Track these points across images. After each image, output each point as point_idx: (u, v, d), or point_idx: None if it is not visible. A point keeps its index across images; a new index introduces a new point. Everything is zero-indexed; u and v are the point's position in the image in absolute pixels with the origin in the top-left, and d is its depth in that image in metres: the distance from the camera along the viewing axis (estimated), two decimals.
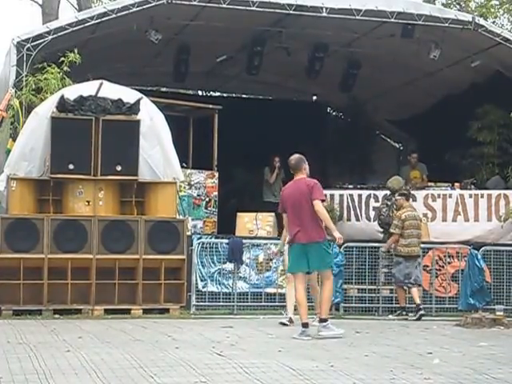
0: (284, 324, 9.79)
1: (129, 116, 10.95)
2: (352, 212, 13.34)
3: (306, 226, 8.85)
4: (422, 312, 11.08)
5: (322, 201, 9.07)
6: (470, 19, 13.80)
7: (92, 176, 10.77)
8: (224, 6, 12.81)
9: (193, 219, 12.89)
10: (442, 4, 23.89)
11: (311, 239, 8.85)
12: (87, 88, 11.16)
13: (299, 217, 8.91)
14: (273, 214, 13.11)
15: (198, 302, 11.11)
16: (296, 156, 9.26)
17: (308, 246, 8.86)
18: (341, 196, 13.38)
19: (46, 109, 10.95)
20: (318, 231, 8.89)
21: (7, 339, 8.17)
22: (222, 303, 11.29)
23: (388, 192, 12.37)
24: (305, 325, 8.82)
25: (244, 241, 11.65)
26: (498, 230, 13.16)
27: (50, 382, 6.10)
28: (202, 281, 11.31)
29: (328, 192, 13.49)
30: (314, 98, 19.80)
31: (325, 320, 8.90)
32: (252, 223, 12.64)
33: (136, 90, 11.86)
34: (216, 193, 13.45)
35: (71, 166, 10.67)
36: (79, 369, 6.58)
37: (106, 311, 10.51)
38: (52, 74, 11.82)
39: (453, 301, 11.78)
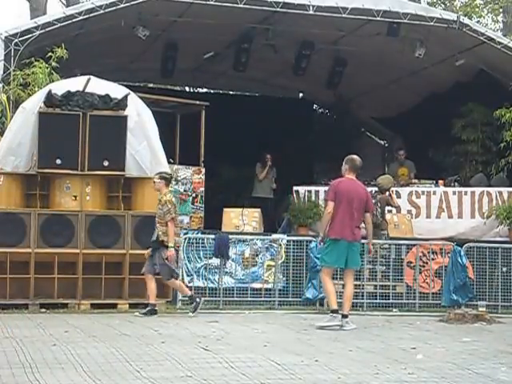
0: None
1: (116, 111, 10.97)
2: None
3: (354, 226, 9.51)
4: (153, 309, 10.15)
5: None
6: (455, 18, 13.92)
7: (79, 171, 10.78)
8: (211, 2, 12.86)
9: (179, 215, 12.94)
10: (427, 3, 23.99)
11: (356, 238, 9.53)
12: (75, 83, 11.17)
13: (351, 215, 9.49)
14: (259, 209, 13.17)
15: (184, 296, 11.15)
16: (359, 158, 9.87)
17: (352, 244, 9.50)
18: (326, 192, 13.39)
19: (34, 104, 10.95)
20: (359, 232, 9.62)
21: None
22: (208, 298, 11.33)
23: (374, 189, 12.42)
24: (334, 311, 9.36)
25: (230, 236, 11.69)
26: (481, 227, 13.28)
27: (36, 375, 6.13)
28: (188, 276, 11.35)
29: (313, 188, 13.63)
30: (301, 95, 19.88)
31: (347, 316, 9.40)
32: (238, 219, 12.69)
33: (123, 85, 11.87)
34: (202, 188, 13.50)
35: (58, 161, 10.68)
36: (65, 363, 6.62)
37: (93, 306, 10.52)
38: (40, 68, 11.83)
39: (436, 297, 11.87)
